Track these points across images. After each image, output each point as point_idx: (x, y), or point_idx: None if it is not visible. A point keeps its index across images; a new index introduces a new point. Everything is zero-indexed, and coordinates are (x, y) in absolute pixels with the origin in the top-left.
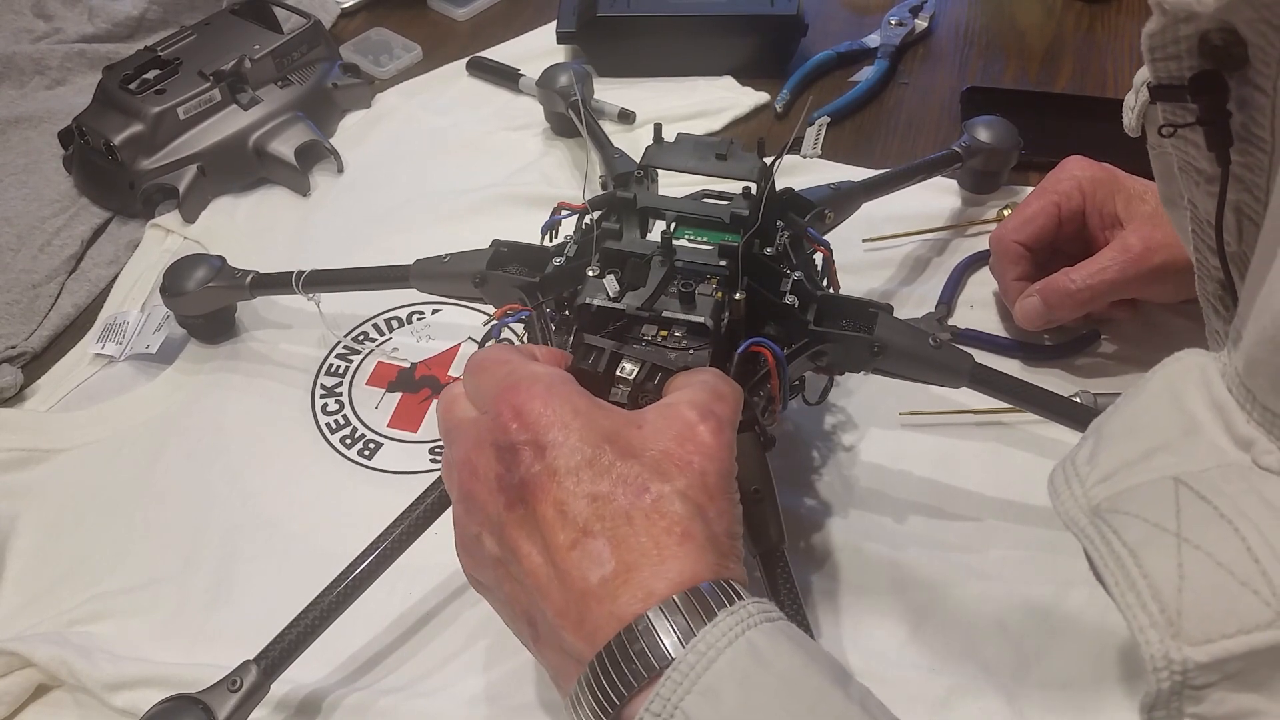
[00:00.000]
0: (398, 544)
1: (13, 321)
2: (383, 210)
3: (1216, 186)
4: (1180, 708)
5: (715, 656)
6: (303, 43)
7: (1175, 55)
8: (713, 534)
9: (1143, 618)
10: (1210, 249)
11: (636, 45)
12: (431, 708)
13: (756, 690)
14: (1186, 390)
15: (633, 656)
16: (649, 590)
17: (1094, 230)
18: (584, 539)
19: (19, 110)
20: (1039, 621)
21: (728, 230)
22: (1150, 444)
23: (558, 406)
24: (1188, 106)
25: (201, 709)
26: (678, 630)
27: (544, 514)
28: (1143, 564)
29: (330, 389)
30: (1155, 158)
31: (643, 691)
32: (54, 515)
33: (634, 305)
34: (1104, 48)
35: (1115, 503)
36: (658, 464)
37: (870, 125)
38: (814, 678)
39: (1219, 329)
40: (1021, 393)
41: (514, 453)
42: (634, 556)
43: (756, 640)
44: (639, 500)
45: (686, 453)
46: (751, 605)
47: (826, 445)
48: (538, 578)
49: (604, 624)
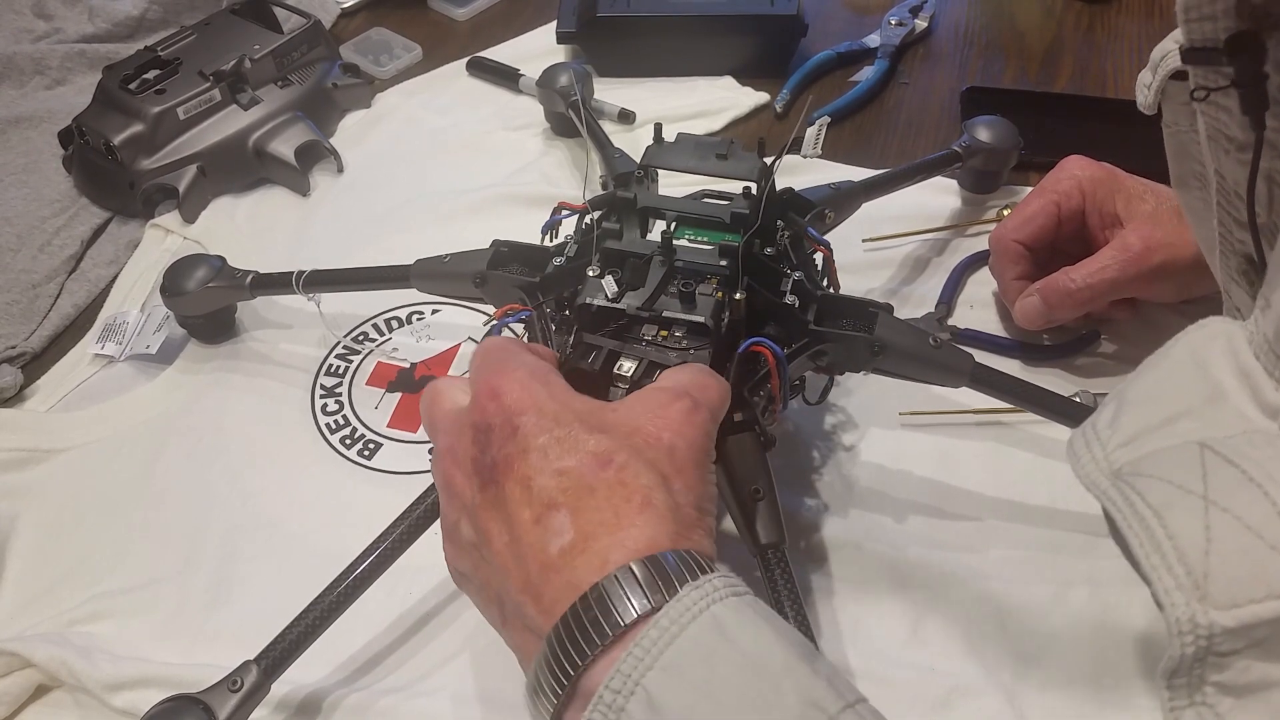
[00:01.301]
0: (398, 544)
1: (13, 321)
2: (383, 210)
3: (1249, 154)
4: (1202, 675)
5: (678, 632)
6: (303, 43)
7: (1211, 16)
8: (676, 504)
9: (1168, 579)
10: (1237, 221)
11: (636, 45)
12: (432, 708)
13: (721, 666)
14: (1212, 357)
15: (587, 625)
16: (605, 558)
17: (1094, 230)
18: (547, 513)
19: (19, 110)
20: (1039, 621)
21: (728, 230)
22: (1174, 409)
23: (535, 390)
24: (1222, 70)
25: (202, 709)
26: (633, 598)
27: (510, 492)
28: (1168, 525)
29: (330, 389)
30: (1170, 136)
31: (602, 664)
32: (54, 515)
33: (634, 305)
34: (1104, 48)
35: (1138, 466)
36: (626, 437)
37: (870, 125)
38: (780, 654)
39: (1240, 305)
40: (1022, 392)
41: (488, 434)
42: (593, 526)
43: (721, 615)
44: (603, 472)
45: (656, 428)
46: (717, 580)
47: (827, 445)
48: (503, 557)
49: (562, 594)
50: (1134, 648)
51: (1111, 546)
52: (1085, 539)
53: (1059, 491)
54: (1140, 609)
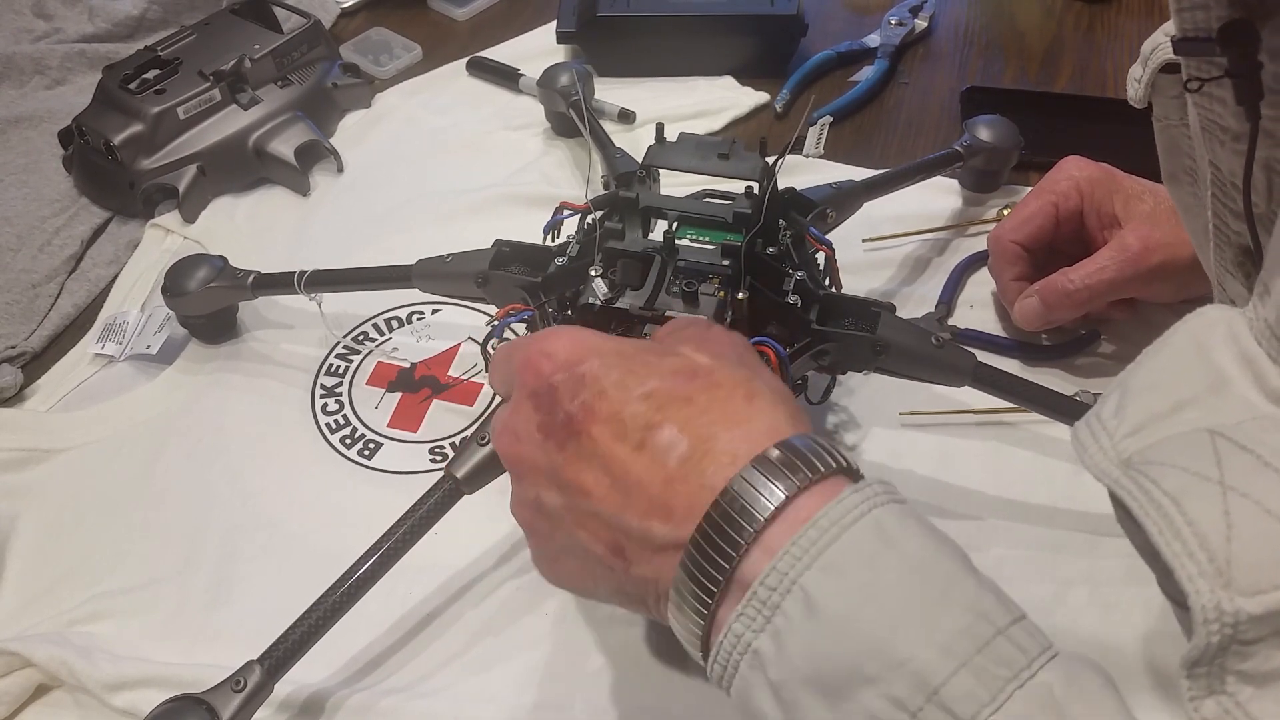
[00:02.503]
0: (401, 544)
1: (13, 321)
2: (383, 210)
3: (1244, 144)
4: (1224, 664)
5: (839, 534)
6: (303, 42)
7: (1204, 4)
8: (776, 390)
9: (1191, 567)
10: (1233, 212)
11: (636, 45)
12: (434, 708)
13: (884, 571)
14: (1213, 344)
15: (735, 515)
16: (734, 454)
17: (1092, 230)
18: (650, 434)
19: (19, 110)
20: (1039, 621)
21: (730, 230)
22: (1179, 397)
23: (586, 338)
24: (1215, 60)
25: (205, 709)
26: (777, 482)
27: (599, 435)
28: (1186, 511)
29: (330, 389)
30: (1160, 130)
31: (755, 556)
32: (54, 515)
33: (636, 305)
34: (1104, 48)
35: (1148, 454)
36: (695, 352)
37: (870, 125)
38: (946, 563)
39: (1236, 297)
40: (1024, 392)
41: (552, 394)
42: (706, 428)
43: (884, 519)
44: (693, 381)
45: (712, 341)
46: (877, 485)
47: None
48: (611, 499)
49: (696, 498)
50: (1134, 647)
51: (1112, 546)
52: (1086, 538)
53: (1059, 491)
54: (1140, 608)
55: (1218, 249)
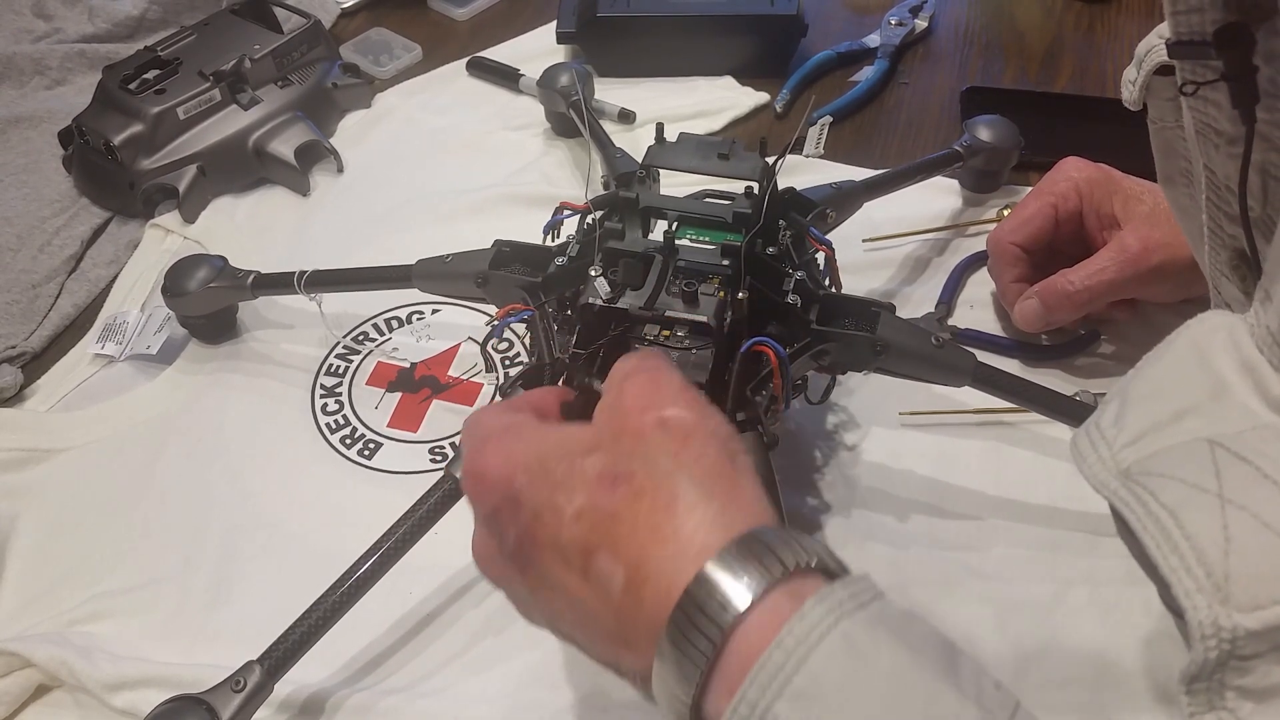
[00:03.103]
0: (401, 544)
1: (13, 321)
2: (383, 210)
3: (1239, 148)
4: (1223, 679)
5: (805, 654)
6: (303, 43)
7: (1199, 8)
8: (704, 476)
9: (1188, 582)
10: (1228, 216)
11: (636, 45)
12: (435, 708)
13: (856, 695)
14: (1213, 351)
15: (688, 647)
16: (669, 580)
17: (1091, 231)
18: (589, 561)
19: (19, 110)
20: (1039, 621)
21: (730, 230)
22: (1179, 406)
23: (510, 449)
24: (1210, 63)
25: (205, 709)
26: (723, 605)
27: (548, 563)
28: (1184, 525)
29: (330, 389)
30: (1155, 133)
31: (719, 688)
32: (54, 515)
33: (636, 305)
34: (1103, 48)
35: (1147, 465)
36: (616, 441)
37: (870, 125)
38: (922, 677)
39: (1231, 300)
40: (1024, 392)
41: (497, 518)
42: (638, 551)
43: (853, 633)
44: (614, 492)
45: (637, 409)
46: (840, 590)
47: (828, 444)
48: (581, 629)
49: (649, 630)
50: (1134, 647)
51: (1112, 546)
52: (1085, 538)
53: (1059, 491)
54: (1140, 608)
55: (1213, 251)
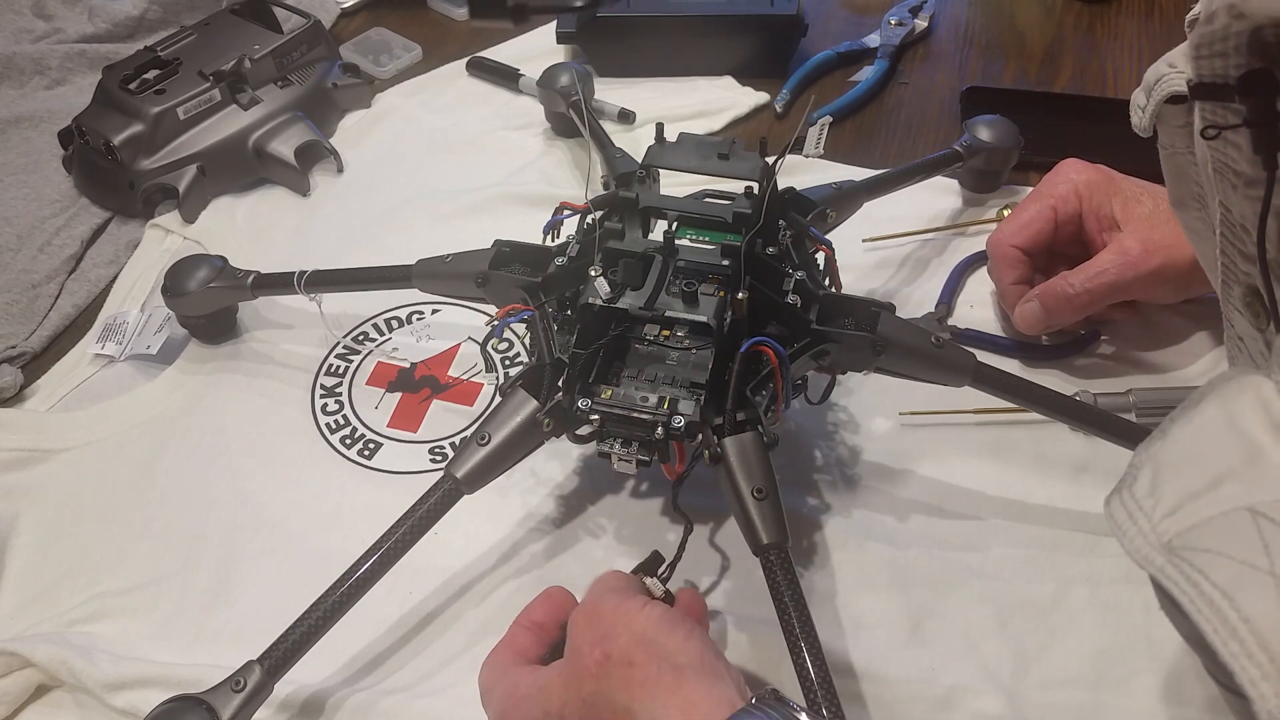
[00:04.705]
0: (401, 544)
1: (13, 321)
2: (383, 210)
3: (1258, 190)
4: None
5: None
6: (303, 43)
7: (1223, 52)
8: (654, 703)
9: (1252, 670)
10: (1243, 254)
11: (636, 45)
12: (435, 708)
13: None
14: (1243, 412)
15: None
16: None
17: (1091, 233)
18: None
19: (19, 110)
20: (1039, 621)
21: (730, 230)
22: (1214, 472)
23: (490, 668)
24: (1232, 107)
25: (205, 709)
26: None
27: None
28: (1240, 608)
29: (330, 389)
30: (1166, 158)
31: None
32: (54, 515)
33: (636, 305)
34: (1104, 48)
35: (1190, 539)
36: (578, 691)
37: (870, 125)
38: None
39: (1244, 334)
40: (1024, 392)
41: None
42: None
43: None
44: None
45: (588, 646)
46: None
47: (828, 444)
48: None
49: None
50: (1134, 647)
51: (1112, 546)
52: (1085, 538)
53: (1059, 491)
54: (1140, 608)
55: (1225, 286)
